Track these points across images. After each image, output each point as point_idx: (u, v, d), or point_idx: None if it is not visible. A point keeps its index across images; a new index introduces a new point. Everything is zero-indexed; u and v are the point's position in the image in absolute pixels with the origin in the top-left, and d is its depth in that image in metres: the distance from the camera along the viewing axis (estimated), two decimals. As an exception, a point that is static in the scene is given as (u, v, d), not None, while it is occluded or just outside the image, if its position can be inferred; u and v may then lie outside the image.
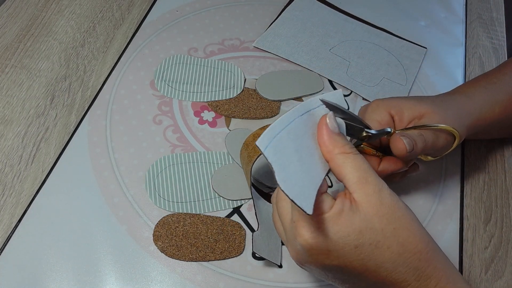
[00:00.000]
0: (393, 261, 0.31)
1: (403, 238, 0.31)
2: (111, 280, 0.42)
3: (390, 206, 0.32)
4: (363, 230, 0.31)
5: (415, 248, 0.31)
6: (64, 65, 0.57)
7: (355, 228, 0.31)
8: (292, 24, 0.64)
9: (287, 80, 0.58)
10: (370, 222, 0.31)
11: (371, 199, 0.31)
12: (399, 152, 0.39)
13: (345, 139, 0.34)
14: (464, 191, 0.52)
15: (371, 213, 0.31)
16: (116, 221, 0.46)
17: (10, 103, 0.53)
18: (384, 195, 0.32)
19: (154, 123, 0.53)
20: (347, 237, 0.31)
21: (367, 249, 0.31)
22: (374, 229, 0.31)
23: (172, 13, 0.64)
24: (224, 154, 0.51)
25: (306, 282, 0.44)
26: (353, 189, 0.32)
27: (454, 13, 0.70)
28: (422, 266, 0.31)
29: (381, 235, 0.31)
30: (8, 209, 0.46)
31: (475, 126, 0.46)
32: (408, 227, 0.32)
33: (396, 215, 0.31)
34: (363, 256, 0.31)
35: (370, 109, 0.44)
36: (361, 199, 0.32)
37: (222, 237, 0.45)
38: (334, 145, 0.33)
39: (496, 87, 0.48)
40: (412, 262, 0.31)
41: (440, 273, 0.32)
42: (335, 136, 0.33)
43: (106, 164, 0.49)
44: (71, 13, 0.62)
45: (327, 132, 0.33)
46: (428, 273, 0.32)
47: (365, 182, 0.32)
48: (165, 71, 0.57)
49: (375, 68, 0.61)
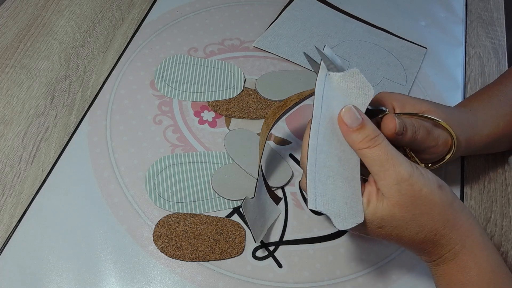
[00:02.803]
0: (411, 237, 0.36)
1: (421, 222, 0.35)
2: (111, 280, 0.42)
3: (410, 196, 0.35)
4: (384, 217, 0.36)
5: (432, 227, 0.36)
6: (64, 65, 0.57)
7: (378, 216, 0.36)
8: (292, 24, 0.65)
9: (287, 80, 0.58)
10: (390, 211, 0.35)
11: (390, 190, 0.35)
12: (388, 130, 0.39)
13: (364, 132, 0.36)
14: (464, 191, 0.52)
15: (392, 203, 0.35)
16: (116, 221, 0.46)
17: (10, 103, 0.53)
18: (405, 186, 0.35)
19: (154, 123, 0.53)
20: (372, 222, 0.36)
21: (388, 230, 0.36)
22: (394, 216, 0.35)
23: (172, 13, 0.64)
24: (224, 154, 0.51)
25: (306, 282, 0.44)
26: (376, 180, 0.36)
27: (454, 13, 0.70)
28: (437, 239, 0.36)
29: (401, 220, 0.35)
30: (8, 209, 0.46)
31: (478, 142, 0.46)
32: (428, 212, 0.35)
33: (416, 203, 0.35)
34: (385, 233, 0.37)
35: (374, 98, 0.44)
36: (383, 189, 0.35)
37: (222, 237, 0.45)
38: (354, 142, 0.36)
39: (498, 100, 0.48)
40: (428, 237, 0.36)
41: (453, 242, 0.36)
42: (352, 134, 0.36)
43: (106, 164, 0.49)
44: (71, 13, 0.62)
45: (345, 132, 0.36)
46: (443, 243, 0.36)
47: (383, 176, 0.35)
48: (165, 71, 0.57)
49: (375, 68, 0.61)
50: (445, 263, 0.37)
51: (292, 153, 0.52)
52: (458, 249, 0.36)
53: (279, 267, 0.45)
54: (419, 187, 0.35)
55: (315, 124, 0.36)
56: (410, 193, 0.35)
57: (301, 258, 0.45)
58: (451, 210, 0.36)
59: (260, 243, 0.46)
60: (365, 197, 0.36)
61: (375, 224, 0.36)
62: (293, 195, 0.49)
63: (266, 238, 0.46)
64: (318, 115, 0.36)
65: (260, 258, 0.45)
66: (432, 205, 0.35)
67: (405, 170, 0.35)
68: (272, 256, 0.45)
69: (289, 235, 0.47)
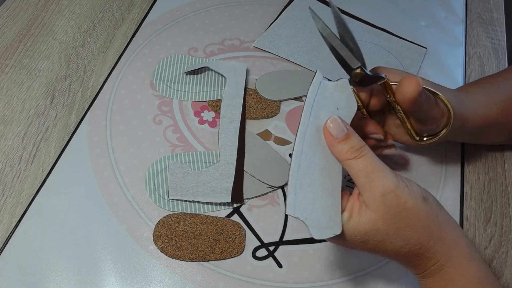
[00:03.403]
0: (395, 251, 0.36)
1: (405, 236, 0.35)
2: (111, 280, 0.42)
3: (395, 208, 0.34)
4: (368, 231, 0.35)
5: (417, 241, 0.35)
6: (64, 65, 0.57)
7: (361, 230, 0.35)
8: (292, 24, 0.64)
9: (287, 80, 0.58)
10: (374, 225, 0.35)
11: (375, 203, 0.34)
12: (411, 91, 0.38)
13: (349, 142, 0.35)
14: (464, 191, 0.52)
15: (376, 217, 0.34)
16: (116, 221, 0.46)
17: (10, 103, 0.53)
18: (390, 197, 0.34)
19: (154, 123, 0.53)
20: (355, 236, 0.35)
21: (372, 244, 0.35)
22: (378, 230, 0.35)
23: (172, 13, 0.64)
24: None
25: (306, 282, 0.44)
26: (361, 192, 0.35)
27: (454, 13, 0.70)
28: (422, 252, 0.35)
29: (384, 235, 0.35)
30: (8, 209, 0.46)
31: (471, 122, 0.46)
32: (412, 226, 0.35)
33: (401, 215, 0.34)
34: (369, 247, 0.36)
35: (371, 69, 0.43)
36: (367, 202, 0.35)
37: (222, 237, 0.45)
38: (340, 152, 0.35)
39: (495, 88, 0.48)
40: (413, 251, 0.35)
41: (439, 255, 0.35)
42: (338, 145, 0.35)
43: (106, 164, 0.49)
44: (71, 13, 0.62)
45: (331, 142, 0.36)
46: (428, 256, 0.35)
47: (369, 187, 0.34)
48: (163, 71, 0.57)
49: (375, 68, 0.61)
50: (431, 276, 0.36)
51: (292, 153, 0.52)
52: (444, 262, 0.35)
53: (279, 267, 0.45)
54: (404, 198, 0.34)
55: (301, 131, 0.36)
56: (395, 204, 0.34)
57: (301, 258, 0.45)
58: (436, 223, 0.35)
59: (260, 243, 0.46)
60: (347, 211, 0.36)
61: (359, 238, 0.35)
62: (293, 195, 0.49)
63: (266, 238, 0.46)
64: (305, 122, 0.36)
65: (260, 258, 0.45)
66: (416, 219, 0.34)
67: (391, 181, 0.34)
68: (272, 256, 0.45)
69: (289, 235, 0.47)
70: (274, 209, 0.48)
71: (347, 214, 0.36)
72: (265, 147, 0.52)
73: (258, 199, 0.48)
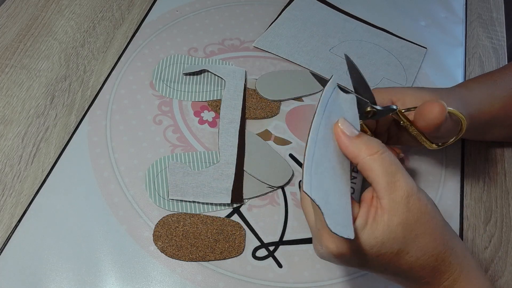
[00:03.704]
0: (410, 264, 0.32)
1: (423, 244, 0.32)
2: (111, 280, 0.42)
3: (417, 213, 0.31)
4: (385, 242, 0.31)
5: (433, 251, 0.32)
6: (64, 65, 0.57)
7: (378, 241, 0.31)
8: (292, 24, 0.64)
9: (287, 80, 0.58)
10: (393, 232, 0.31)
11: (398, 206, 0.31)
12: (436, 115, 0.36)
13: (367, 139, 0.33)
14: (464, 191, 0.52)
15: (396, 222, 0.31)
16: (116, 221, 0.46)
17: (10, 103, 0.53)
18: (412, 200, 0.31)
19: (154, 123, 0.53)
20: (370, 249, 0.31)
21: (388, 257, 0.32)
22: (396, 238, 0.31)
23: (172, 13, 0.64)
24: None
25: (306, 282, 0.44)
26: (381, 195, 0.32)
27: (454, 13, 0.70)
28: (438, 265, 0.32)
29: (403, 243, 0.31)
30: (8, 209, 0.46)
31: (475, 118, 0.45)
32: (431, 233, 0.32)
33: (421, 221, 0.32)
34: (384, 262, 0.32)
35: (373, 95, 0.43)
36: (388, 206, 0.31)
37: (222, 237, 0.45)
38: (359, 149, 0.32)
39: (496, 84, 0.48)
40: (429, 263, 0.32)
41: (453, 267, 0.33)
42: (356, 140, 0.33)
43: (106, 164, 0.49)
44: (71, 13, 0.62)
45: (347, 139, 0.33)
46: (443, 270, 0.33)
47: (394, 188, 0.31)
48: (163, 71, 0.57)
49: (375, 68, 0.61)
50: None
51: (292, 153, 0.52)
52: (457, 275, 0.33)
53: (279, 267, 0.45)
54: (425, 202, 0.32)
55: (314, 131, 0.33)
56: (417, 208, 0.31)
57: (301, 258, 0.45)
58: (447, 230, 0.33)
59: (260, 243, 0.46)
60: (361, 217, 0.32)
61: (374, 251, 0.31)
62: (293, 195, 0.49)
63: (266, 238, 0.46)
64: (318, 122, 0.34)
65: (260, 258, 0.45)
66: (435, 225, 0.32)
67: (413, 183, 0.32)
68: (272, 256, 0.45)
69: (289, 235, 0.47)
70: (274, 209, 0.48)
71: (361, 221, 0.32)
72: (265, 147, 0.52)
73: (258, 199, 0.48)
